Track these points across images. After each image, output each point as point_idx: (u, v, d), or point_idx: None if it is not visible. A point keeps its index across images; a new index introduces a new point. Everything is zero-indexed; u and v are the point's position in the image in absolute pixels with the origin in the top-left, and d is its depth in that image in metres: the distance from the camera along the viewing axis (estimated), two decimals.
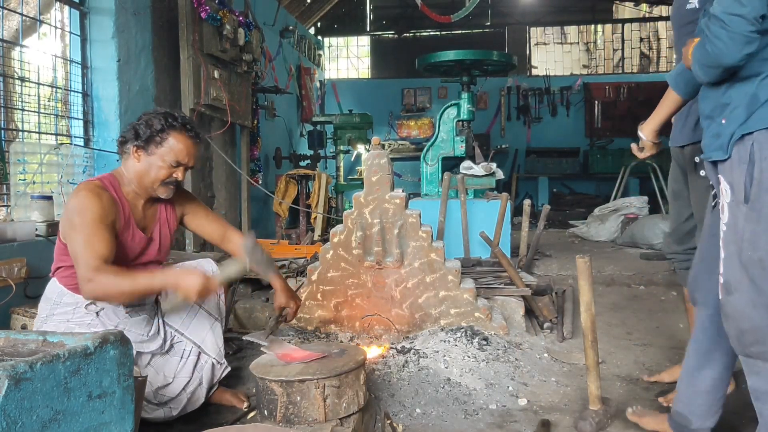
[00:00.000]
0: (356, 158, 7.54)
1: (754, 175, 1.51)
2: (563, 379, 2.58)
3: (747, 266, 1.53)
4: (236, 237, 2.33)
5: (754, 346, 1.54)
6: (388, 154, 3.05)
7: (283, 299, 2.24)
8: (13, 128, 3.53)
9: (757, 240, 1.51)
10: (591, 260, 2.08)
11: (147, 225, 2.16)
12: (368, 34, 11.56)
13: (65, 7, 3.76)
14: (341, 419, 1.88)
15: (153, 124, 2.04)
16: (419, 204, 4.34)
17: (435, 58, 4.71)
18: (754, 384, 1.58)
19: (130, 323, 2.09)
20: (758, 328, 1.53)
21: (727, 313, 1.59)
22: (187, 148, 2.07)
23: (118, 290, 1.88)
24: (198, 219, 2.32)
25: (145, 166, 2.06)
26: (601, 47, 11.34)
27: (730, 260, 1.57)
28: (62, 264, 2.05)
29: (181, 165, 2.07)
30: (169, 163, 2.04)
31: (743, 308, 1.55)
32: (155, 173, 2.05)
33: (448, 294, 2.97)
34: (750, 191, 1.52)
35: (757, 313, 1.53)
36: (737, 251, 1.55)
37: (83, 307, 2.03)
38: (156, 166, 2.05)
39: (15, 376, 1.03)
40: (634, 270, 4.50)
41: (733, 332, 1.59)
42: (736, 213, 1.55)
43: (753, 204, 1.51)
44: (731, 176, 1.56)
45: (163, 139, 2.04)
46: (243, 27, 4.89)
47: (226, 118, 4.77)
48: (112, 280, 1.86)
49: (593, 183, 9.99)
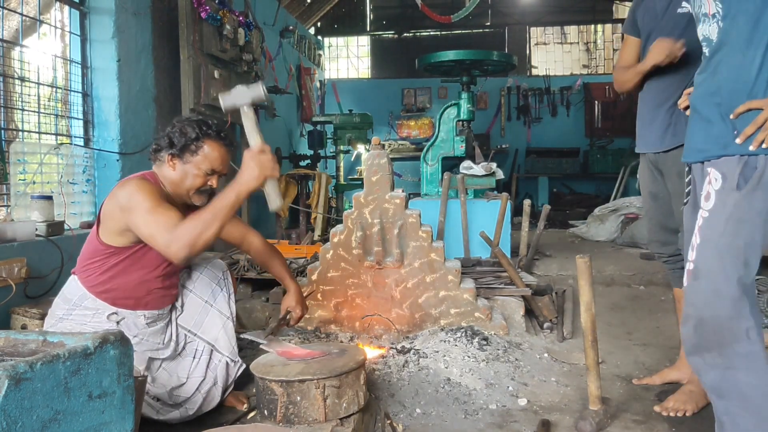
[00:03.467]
0: (356, 158, 7.54)
1: (756, 166, 1.51)
2: (563, 379, 2.58)
3: (722, 253, 1.52)
4: (256, 240, 2.39)
5: (711, 337, 1.52)
6: (388, 154, 3.05)
7: (293, 302, 2.25)
8: (13, 128, 3.53)
9: (741, 228, 1.51)
10: (591, 260, 2.08)
11: None
12: (368, 34, 11.56)
13: (65, 7, 3.75)
14: (341, 419, 1.88)
15: (187, 132, 2.02)
16: (419, 204, 4.34)
17: (435, 58, 4.71)
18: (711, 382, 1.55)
19: (148, 333, 2.10)
20: (718, 318, 1.51)
21: (691, 299, 1.57)
22: (221, 156, 2.07)
23: (203, 225, 1.77)
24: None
25: (180, 174, 2.05)
26: (601, 47, 11.33)
27: (705, 246, 1.55)
28: (91, 264, 2.03)
29: (215, 173, 2.07)
30: (204, 171, 2.04)
31: (708, 296, 1.53)
32: (191, 181, 2.05)
33: (448, 294, 2.97)
34: (745, 182, 1.51)
35: (721, 303, 1.51)
36: (715, 237, 1.53)
37: (105, 316, 2.03)
38: (191, 175, 2.04)
39: (15, 376, 1.03)
40: (634, 270, 4.49)
41: (692, 321, 1.56)
42: (725, 200, 1.54)
43: (747, 194, 1.51)
44: (725, 167, 1.56)
45: (198, 147, 2.03)
46: (243, 27, 4.89)
47: (226, 118, 4.77)
48: (191, 224, 1.78)
49: (593, 183, 9.98)
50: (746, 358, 1.51)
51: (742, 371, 1.51)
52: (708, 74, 1.66)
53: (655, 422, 2.17)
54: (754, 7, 1.55)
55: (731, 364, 1.52)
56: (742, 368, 1.51)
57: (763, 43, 1.54)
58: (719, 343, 1.52)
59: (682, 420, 2.17)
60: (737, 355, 1.51)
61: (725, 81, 1.60)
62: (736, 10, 1.58)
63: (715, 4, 1.62)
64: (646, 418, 2.20)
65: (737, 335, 1.50)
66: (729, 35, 1.60)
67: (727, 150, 1.57)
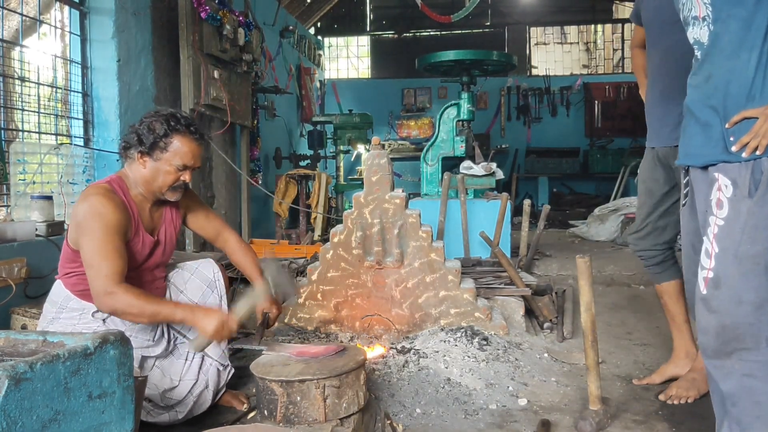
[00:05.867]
0: (356, 158, 7.53)
1: (762, 171, 1.51)
2: (563, 379, 2.58)
3: (741, 261, 1.52)
4: (232, 238, 2.35)
5: (731, 343, 1.54)
6: (388, 154, 3.05)
7: (266, 304, 2.23)
8: (13, 128, 3.53)
9: (757, 235, 1.51)
10: (591, 260, 2.08)
11: (154, 227, 2.14)
12: (368, 34, 11.56)
13: (65, 7, 3.75)
14: (341, 419, 1.88)
15: (155, 129, 1.98)
16: (419, 204, 4.34)
17: (435, 58, 4.72)
18: (728, 388, 1.56)
19: (136, 330, 2.08)
20: (740, 325, 1.52)
21: (713, 307, 1.57)
22: (192, 151, 2.03)
23: (139, 311, 1.84)
24: (199, 218, 2.32)
25: (151, 172, 2.02)
26: (601, 47, 11.34)
27: (724, 255, 1.56)
28: (70, 271, 2.02)
29: (187, 168, 2.04)
30: (175, 167, 2.01)
31: (729, 303, 1.54)
32: (163, 178, 2.02)
33: (448, 294, 2.97)
34: (755, 188, 1.51)
35: (742, 310, 1.52)
36: (734, 245, 1.54)
37: (90, 314, 2.02)
38: (163, 172, 2.01)
39: (15, 376, 1.03)
40: (634, 270, 4.50)
41: (713, 328, 1.57)
42: (739, 208, 1.54)
43: (759, 199, 1.51)
44: (734, 173, 1.55)
45: (168, 143, 1.99)
46: (243, 27, 4.89)
47: (226, 118, 4.77)
48: (135, 301, 1.83)
49: (593, 183, 9.99)
50: (765, 366, 1.51)
51: (760, 379, 1.52)
52: (702, 78, 1.65)
53: (655, 422, 2.17)
54: (746, 12, 1.53)
55: (750, 371, 1.52)
56: (760, 376, 1.52)
57: (757, 45, 1.52)
58: (739, 349, 1.53)
59: (682, 420, 2.17)
60: (756, 363, 1.52)
61: (721, 84, 1.59)
62: (726, 14, 1.56)
63: (705, 7, 1.60)
64: (646, 418, 2.20)
65: (758, 342, 1.51)
66: (721, 39, 1.58)
67: (731, 155, 1.56)
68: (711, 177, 1.63)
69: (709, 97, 1.62)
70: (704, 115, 1.64)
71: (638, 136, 9.88)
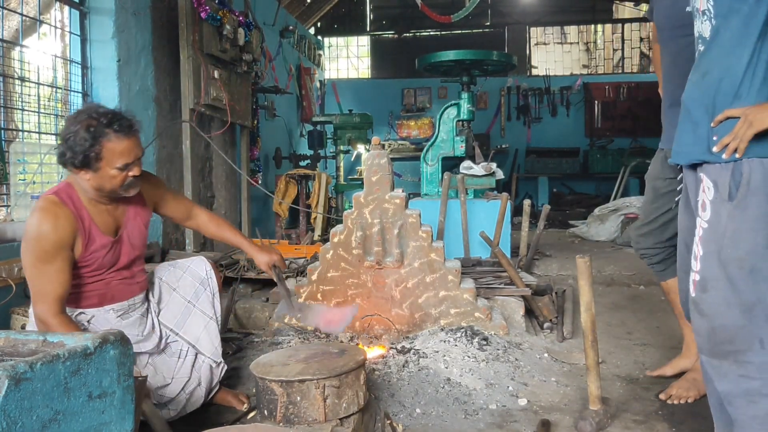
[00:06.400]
0: (356, 158, 7.54)
1: (742, 173, 1.49)
2: (563, 379, 2.58)
3: (725, 264, 1.52)
4: (202, 214, 2.37)
5: (723, 345, 1.53)
6: (388, 154, 3.05)
7: (266, 257, 2.24)
8: (13, 128, 3.53)
9: (739, 239, 1.50)
10: (591, 260, 2.08)
11: (118, 226, 2.08)
12: (368, 34, 11.56)
13: (65, 7, 3.76)
14: (341, 419, 1.88)
15: (80, 144, 1.84)
16: (419, 204, 4.34)
17: (435, 58, 4.71)
18: (724, 389, 1.56)
19: (122, 326, 2.05)
20: (729, 327, 1.51)
21: (702, 310, 1.57)
22: (127, 148, 1.90)
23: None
24: (168, 203, 2.30)
25: (96, 180, 1.91)
26: (601, 47, 11.34)
27: (708, 258, 1.55)
28: None
29: (129, 165, 1.93)
30: (118, 168, 1.90)
31: (717, 307, 1.53)
32: (110, 183, 1.92)
33: (448, 294, 2.97)
34: (736, 190, 1.50)
35: (731, 312, 1.51)
36: (717, 249, 1.53)
37: (73, 316, 2.00)
38: (107, 177, 1.90)
39: (15, 376, 1.03)
40: (634, 270, 4.50)
41: (705, 330, 1.57)
42: (720, 211, 1.53)
43: (739, 203, 1.50)
44: (715, 174, 1.55)
45: (99, 152, 1.85)
46: (243, 27, 4.89)
47: (226, 118, 4.77)
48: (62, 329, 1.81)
49: (593, 183, 9.99)
50: (759, 369, 1.50)
51: (756, 381, 1.51)
52: (699, 75, 1.63)
53: (655, 422, 2.17)
54: (748, 8, 1.50)
55: (745, 372, 1.52)
56: (756, 378, 1.51)
57: (750, 43, 1.49)
58: (733, 351, 1.52)
59: (682, 420, 2.17)
60: (751, 364, 1.51)
61: (714, 82, 1.57)
62: (728, 9, 1.54)
63: (705, 1, 1.58)
64: (646, 418, 2.20)
65: (750, 344, 1.50)
66: (721, 34, 1.56)
67: (713, 155, 1.55)
68: (698, 177, 1.62)
69: (702, 94, 1.60)
70: (696, 113, 1.62)
71: (638, 136, 9.90)
